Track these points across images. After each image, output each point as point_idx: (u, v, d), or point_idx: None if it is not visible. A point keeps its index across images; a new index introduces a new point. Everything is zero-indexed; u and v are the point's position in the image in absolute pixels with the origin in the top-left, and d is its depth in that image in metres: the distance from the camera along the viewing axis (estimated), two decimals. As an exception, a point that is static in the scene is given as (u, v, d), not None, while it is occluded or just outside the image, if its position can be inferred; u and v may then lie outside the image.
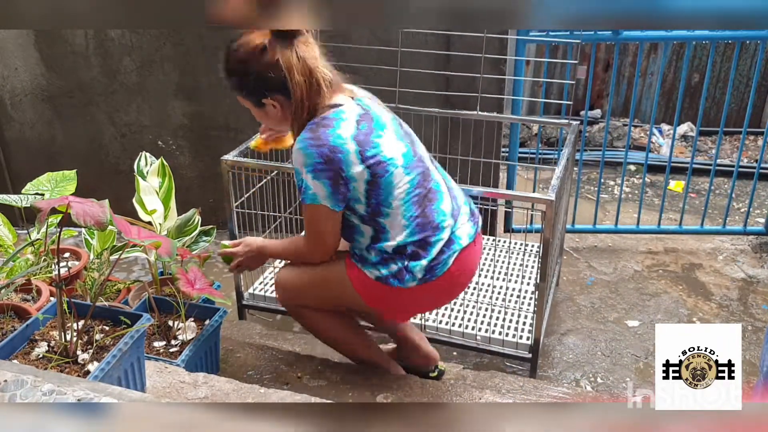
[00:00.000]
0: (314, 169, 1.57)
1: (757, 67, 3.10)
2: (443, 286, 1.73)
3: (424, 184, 1.69)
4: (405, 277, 1.67)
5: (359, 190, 1.62)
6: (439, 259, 1.68)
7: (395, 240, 1.66)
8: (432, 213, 1.69)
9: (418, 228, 1.67)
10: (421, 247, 1.67)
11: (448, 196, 1.75)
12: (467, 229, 1.76)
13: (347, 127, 1.60)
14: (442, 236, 1.68)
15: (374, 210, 1.65)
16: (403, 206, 1.65)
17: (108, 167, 3.38)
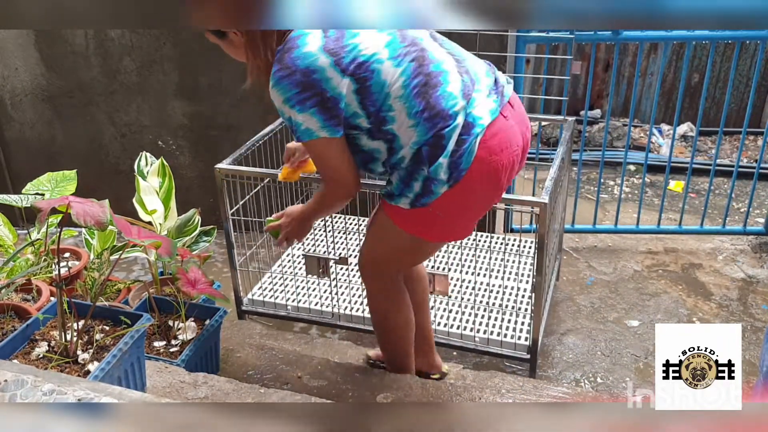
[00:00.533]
0: (294, 102, 1.41)
1: (757, 67, 3.10)
2: (482, 176, 1.50)
3: (422, 69, 1.46)
4: (432, 187, 1.48)
5: (352, 104, 1.44)
6: (460, 149, 1.46)
7: (408, 145, 1.47)
8: (438, 100, 1.45)
9: (428, 123, 1.45)
10: (435, 145, 1.46)
11: (456, 73, 1.50)
12: (488, 105, 1.51)
13: (313, 40, 1.42)
14: (456, 122, 1.46)
15: (377, 118, 1.46)
16: (405, 103, 1.44)
17: (108, 167, 3.38)
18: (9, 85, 3.24)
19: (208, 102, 3.20)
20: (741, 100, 5.17)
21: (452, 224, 1.59)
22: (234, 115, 3.20)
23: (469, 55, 1.60)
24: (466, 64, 1.54)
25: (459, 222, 1.61)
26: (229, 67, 3.10)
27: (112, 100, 3.24)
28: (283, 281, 2.61)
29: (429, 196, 1.50)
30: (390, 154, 1.52)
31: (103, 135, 3.33)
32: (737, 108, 5.14)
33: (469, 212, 1.61)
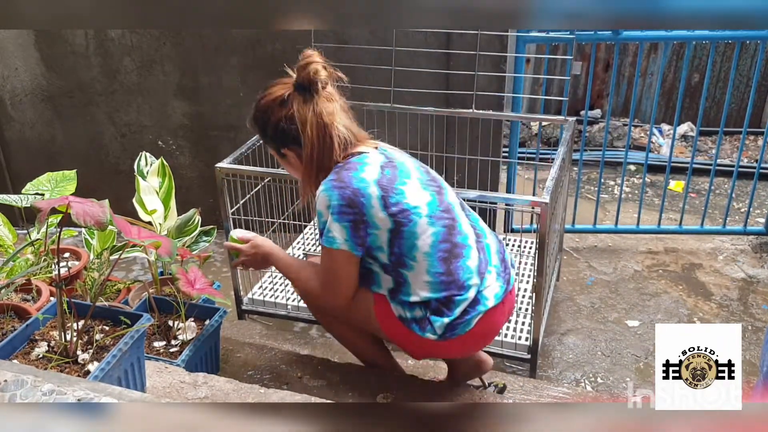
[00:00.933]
0: (336, 211, 1.54)
1: (757, 67, 3.10)
2: (464, 344, 1.68)
3: (450, 238, 1.62)
4: (426, 328, 1.62)
5: (381, 239, 1.58)
6: (462, 318, 1.62)
7: (418, 295, 1.61)
8: (457, 270, 1.61)
9: (443, 286, 1.60)
10: (444, 305, 1.61)
11: (476, 250, 1.67)
12: (495, 289, 1.67)
13: (371, 171, 1.58)
14: (468, 295, 1.61)
15: (398, 260, 1.60)
16: (428, 261, 1.59)
17: (108, 167, 3.38)
18: (9, 85, 3.24)
19: (208, 102, 3.20)
20: (741, 100, 5.17)
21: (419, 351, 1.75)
22: (234, 115, 3.20)
23: (488, 229, 1.77)
24: (483, 241, 1.71)
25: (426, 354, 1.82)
26: (229, 67, 3.11)
27: (112, 100, 3.23)
28: (283, 281, 2.61)
29: (419, 329, 1.63)
30: (392, 294, 1.65)
31: (103, 135, 3.33)
32: (737, 108, 5.14)
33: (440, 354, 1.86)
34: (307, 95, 1.58)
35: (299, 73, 1.58)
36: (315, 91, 1.57)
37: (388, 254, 1.60)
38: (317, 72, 1.56)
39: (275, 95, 1.63)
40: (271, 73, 2.69)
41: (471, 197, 2.01)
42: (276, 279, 2.62)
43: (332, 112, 1.60)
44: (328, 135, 1.59)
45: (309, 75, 1.55)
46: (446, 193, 1.69)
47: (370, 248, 1.59)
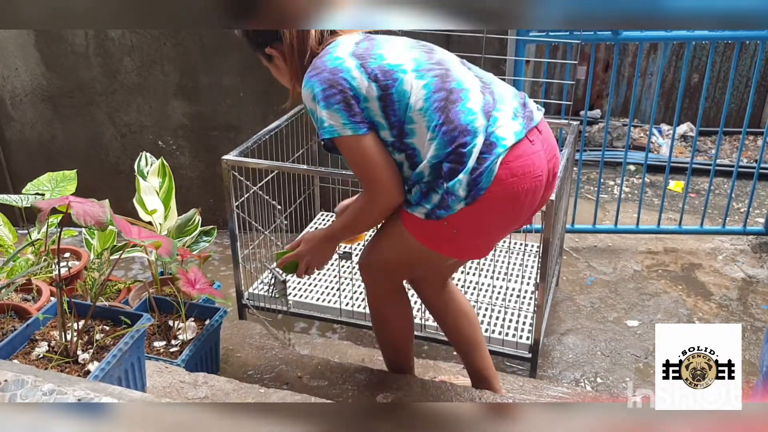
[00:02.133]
0: (321, 97, 1.45)
1: (756, 67, 3.10)
2: (500, 198, 1.47)
3: (444, 85, 1.48)
4: (449, 202, 1.46)
5: (375, 111, 1.47)
6: (480, 167, 1.43)
7: (427, 159, 1.46)
8: (458, 115, 1.45)
9: (446, 137, 1.44)
10: (456, 161, 1.44)
11: (478, 92, 1.50)
12: (513, 127, 1.48)
13: (344, 47, 1.50)
14: (476, 141, 1.43)
15: (399, 130, 1.48)
16: (425, 115, 1.45)
17: (108, 167, 3.39)
18: (9, 85, 3.24)
19: (208, 102, 3.20)
20: (741, 100, 5.17)
21: (466, 242, 1.55)
22: (234, 115, 3.20)
23: (499, 81, 1.60)
24: (492, 87, 1.54)
25: (473, 241, 1.57)
26: (229, 67, 3.11)
27: (112, 100, 3.24)
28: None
29: (445, 210, 1.47)
30: (411, 169, 1.51)
31: (103, 135, 3.33)
32: (737, 108, 5.14)
33: (484, 232, 1.56)
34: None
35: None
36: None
37: (389, 128, 1.48)
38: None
39: None
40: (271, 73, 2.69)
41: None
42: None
43: None
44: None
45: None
46: (439, 52, 1.57)
47: (372, 124, 1.48)
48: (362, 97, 1.46)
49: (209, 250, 2.36)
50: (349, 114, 1.45)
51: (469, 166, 1.43)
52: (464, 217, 1.47)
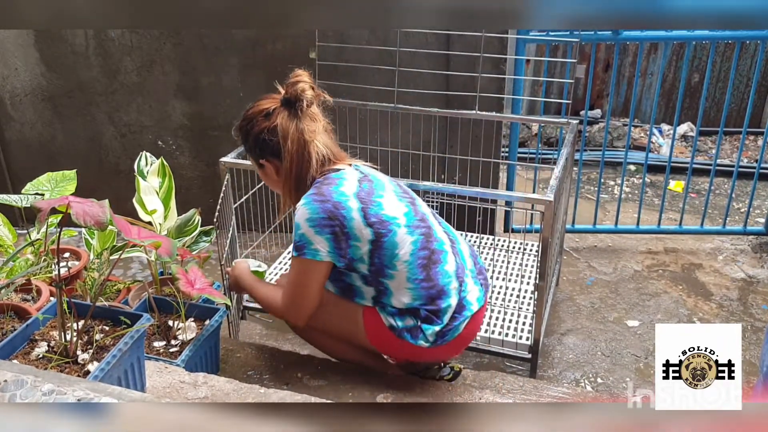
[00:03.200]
0: (317, 224, 1.60)
1: (757, 67, 3.10)
2: (450, 348, 1.75)
3: (428, 245, 1.68)
4: (418, 336, 1.68)
5: (362, 251, 1.63)
6: (450, 325, 1.69)
7: (401, 302, 1.68)
8: (437, 276, 1.68)
9: (423, 291, 1.67)
10: (434, 313, 1.67)
11: (452, 255, 1.74)
12: (476, 293, 1.76)
13: (349, 185, 1.65)
14: (451, 302, 1.68)
15: (378, 270, 1.65)
16: (408, 268, 1.65)
17: (108, 167, 3.38)
18: (9, 85, 3.24)
19: (208, 102, 3.20)
20: (741, 100, 5.17)
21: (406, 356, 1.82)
22: (234, 115, 3.18)
23: (459, 236, 1.85)
24: (457, 246, 1.78)
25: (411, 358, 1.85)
26: (229, 67, 3.11)
27: (112, 100, 3.24)
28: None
29: (411, 338, 1.69)
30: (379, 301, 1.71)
31: (103, 135, 3.33)
32: (737, 108, 5.14)
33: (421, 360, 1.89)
34: (292, 111, 1.66)
35: (287, 89, 1.67)
36: (300, 108, 1.65)
37: (368, 265, 1.65)
38: (304, 90, 1.64)
39: (262, 107, 1.72)
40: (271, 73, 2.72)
41: (473, 194, 2.02)
42: (277, 276, 2.62)
43: (314, 130, 1.68)
44: (308, 151, 1.67)
45: (296, 92, 1.64)
46: (419, 204, 1.77)
47: (351, 260, 1.64)
48: (354, 236, 1.61)
49: (210, 250, 2.35)
50: (337, 246, 1.61)
51: (444, 322, 1.67)
52: (420, 350, 1.71)
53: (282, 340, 2.40)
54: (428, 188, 2.09)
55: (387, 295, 1.69)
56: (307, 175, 1.69)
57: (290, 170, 1.68)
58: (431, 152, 2.92)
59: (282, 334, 2.46)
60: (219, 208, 2.12)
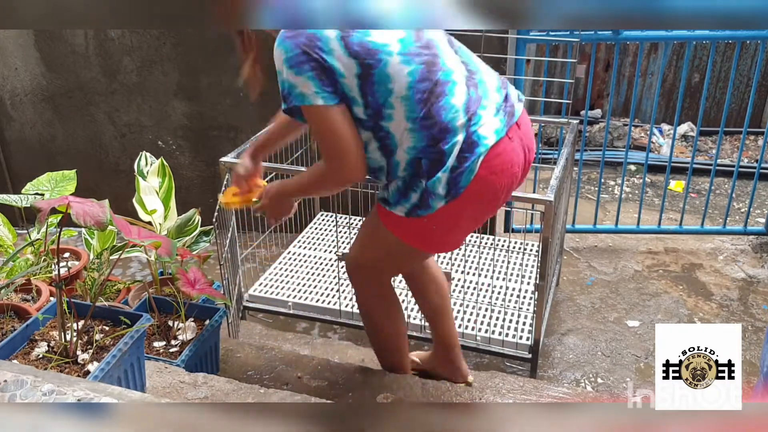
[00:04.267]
0: (293, 63, 1.37)
1: (757, 67, 3.10)
2: (479, 194, 1.48)
3: (430, 75, 1.41)
4: (429, 201, 1.46)
5: (351, 87, 1.39)
6: (461, 166, 1.43)
7: (403, 149, 1.44)
8: (439, 111, 1.41)
9: (425, 131, 1.42)
10: (435, 159, 1.43)
11: (464, 85, 1.46)
12: (494, 124, 1.47)
13: None
14: (457, 138, 1.43)
15: (375, 111, 1.41)
16: (405, 104, 1.40)
17: (108, 167, 3.38)
18: (9, 85, 3.24)
19: (208, 102, 3.20)
20: (741, 99, 5.17)
21: (445, 237, 1.58)
22: (234, 115, 3.20)
23: (485, 67, 1.57)
24: (477, 78, 1.50)
25: (451, 235, 1.59)
26: (229, 67, 3.10)
27: (112, 100, 3.24)
28: (283, 278, 2.61)
29: (425, 209, 1.48)
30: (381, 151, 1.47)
31: (103, 135, 3.33)
32: (738, 108, 5.14)
33: (462, 227, 1.59)
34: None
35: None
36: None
37: (364, 106, 1.41)
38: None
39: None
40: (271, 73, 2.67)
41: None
42: (277, 276, 2.62)
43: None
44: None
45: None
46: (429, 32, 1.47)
47: (343, 96, 1.40)
48: (338, 71, 1.37)
49: (210, 250, 2.35)
50: (323, 84, 1.38)
51: (449, 164, 1.43)
52: (443, 214, 1.48)
53: (282, 340, 2.40)
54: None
55: (389, 139, 1.44)
56: None
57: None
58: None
59: (282, 334, 2.46)
60: (219, 208, 2.12)
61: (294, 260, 2.76)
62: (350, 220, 2.63)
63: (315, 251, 2.84)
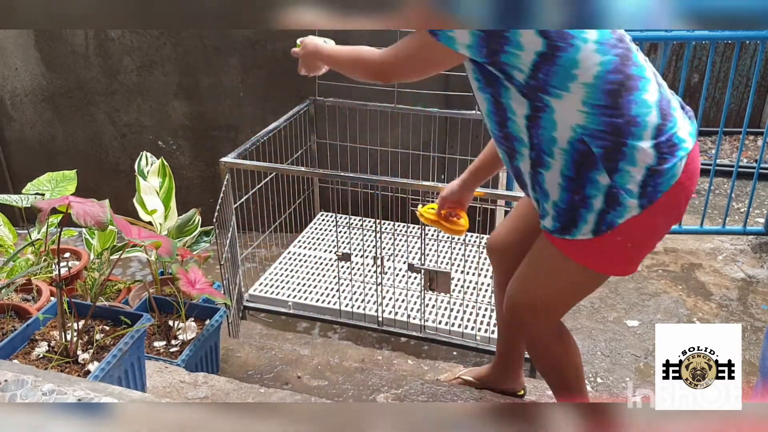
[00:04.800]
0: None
1: (756, 67, 3.10)
2: (676, 201, 1.33)
3: (623, 68, 1.27)
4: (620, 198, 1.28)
5: (522, 61, 1.25)
6: (661, 167, 1.27)
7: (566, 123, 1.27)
8: (629, 104, 1.26)
9: (605, 118, 1.26)
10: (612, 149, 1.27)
11: (655, 83, 1.33)
12: (688, 128, 1.34)
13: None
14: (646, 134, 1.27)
15: (539, 86, 1.26)
16: (588, 92, 1.25)
17: (108, 167, 3.39)
18: (9, 85, 3.24)
19: (208, 102, 3.20)
20: (741, 100, 5.17)
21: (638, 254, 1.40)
22: (234, 115, 3.20)
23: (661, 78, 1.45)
24: (659, 79, 1.38)
25: (644, 252, 1.42)
26: (229, 67, 3.11)
27: (112, 100, 3.24)
28: (283, 278, 2.61)
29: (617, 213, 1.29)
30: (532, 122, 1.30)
31: (103, 135, 3.33)
32: (737, 108, 5.14)
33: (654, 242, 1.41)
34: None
35: None
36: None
37: (528, 77, 1.26)
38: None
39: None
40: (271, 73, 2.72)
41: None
42: (277, 276, 2.63)
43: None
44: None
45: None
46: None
47: (503, 64, 1.26)
48: (515, 42, 1.24)
49: (210, 250, 2.36)
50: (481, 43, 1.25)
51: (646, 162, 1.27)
52: (638, 224, 1.30)
53: (282, 340, 2.40)
54: (428, 188, 2.09)
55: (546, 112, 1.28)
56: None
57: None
58: (431, 152, 2.92)
59: (282, 334, 2.47)
60: (219, 208, 2.12)
61: (294, 260, 2.76)
62: (350, 220, 2.64)
63: (315, 251, 2.84)
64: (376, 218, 2.22)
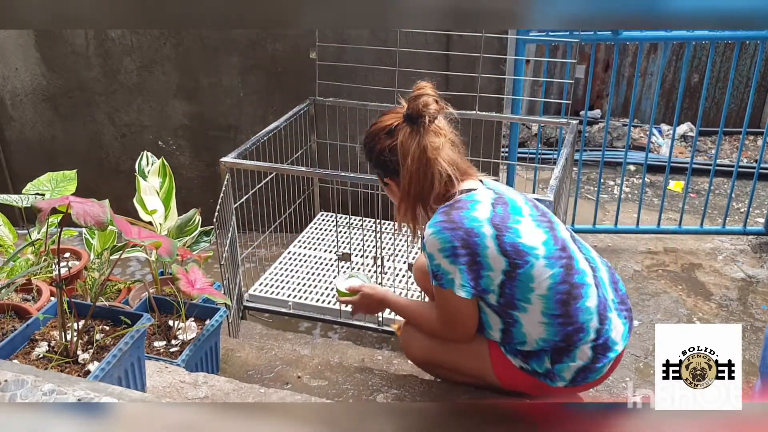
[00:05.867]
0: (449, 254, 1.49)
1: (756, 67, 3.10)
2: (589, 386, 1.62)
3: (568, 279, 1.52)
4: (554, 378, 1.56)
5: (494, 281, 1.50)
6: (593, 366, 1.54)
7: (531, 336, 1.54)
8: (576, 312, 1.52)
9: (559, 327, 1.52)
10: (562, 350, 1.54)
11: (594, 287, 1.57)
12: (620, 329, 1.59)
13: (482, 209, 1.51)
14: (589, 338, 1.53)
15: (507, 302, 1.52)
16: (544, 302, 1.50)
17: (108, 167, 3.39)
18: (9, 85, 3.24)
19: (208, 102, 3.20)
20: (741, 100, 5.17)
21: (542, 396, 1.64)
22: (234, 115, 3.20)
23: (598, 258, 1.68)
24: (598, 275, 1.61)
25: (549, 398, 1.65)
26: (229, 67, 3.11)
27: (112, 100, 3.24)
28: (283, 278, 2.61)
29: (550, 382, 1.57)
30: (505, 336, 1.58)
31: (103, 135, 3.33)
32: (737, 108, 5.14)
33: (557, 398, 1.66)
34: (415, 128, 1.52)
35: (410, 104, 1.53)
36: (422, 124, 1.52)
37: (498, 295, 1.52)
38: (427, 105, 1.50)
39: (384, 124, 1.59)
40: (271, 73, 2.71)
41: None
42: (277, 276, 2.63)
43: (438, 147, 1.53)
44: (430, 170, 1.53)
45: (418, 107, 1.50)
46: (558, 228, 1.59)
47: (482, 291, 1.52)
48: (487, 265, 1.49)
49: (210, 250, 2.36)
50: (470, 278, 1.50)
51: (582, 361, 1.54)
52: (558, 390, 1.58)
53: (282, 340, 2.40)
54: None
55: (516, 327, 1.54)
56: (429, 196, 1.56)
57: (408, 189, 1.55)
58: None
59: (282, 334, 2.47)
60: (219, 208, 2.12)
61: (294, 260, 2.76)
62: (350, 220, 2.64)
63: (315, 251, 2.84)
64: (376, 218, 2.22)
